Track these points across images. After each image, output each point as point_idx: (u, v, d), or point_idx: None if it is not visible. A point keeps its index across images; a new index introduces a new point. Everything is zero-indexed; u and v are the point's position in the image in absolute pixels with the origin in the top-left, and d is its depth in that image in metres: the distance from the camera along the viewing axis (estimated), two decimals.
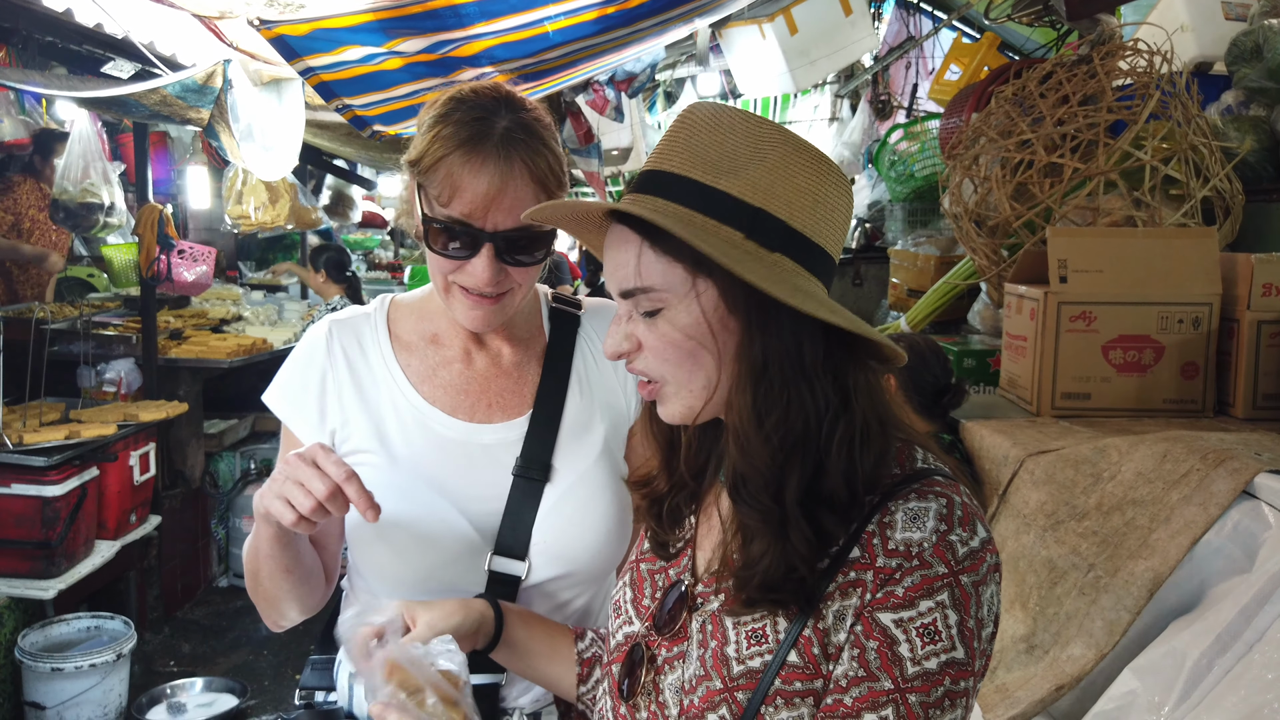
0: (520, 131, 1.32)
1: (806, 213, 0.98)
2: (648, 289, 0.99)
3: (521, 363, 1.51)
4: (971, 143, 3.36)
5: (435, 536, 1.40)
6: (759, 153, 0.97)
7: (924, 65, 7.84)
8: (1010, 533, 2.10)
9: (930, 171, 5.23)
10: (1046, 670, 1.81)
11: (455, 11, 2.80)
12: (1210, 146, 2.87)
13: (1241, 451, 1.77)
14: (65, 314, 4.83)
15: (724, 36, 6.48)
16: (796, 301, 0.92)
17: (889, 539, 0.95)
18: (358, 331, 1.50)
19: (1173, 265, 2.45)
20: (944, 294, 4.13)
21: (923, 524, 0.95)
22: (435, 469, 1.43)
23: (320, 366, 1.47)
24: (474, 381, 1.49)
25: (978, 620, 0.94)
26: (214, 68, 3.30)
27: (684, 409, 1.03)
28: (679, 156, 0.99)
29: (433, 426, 1.45)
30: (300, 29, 2.76)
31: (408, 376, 1.47)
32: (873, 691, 0.93)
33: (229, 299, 6.63)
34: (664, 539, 1.16)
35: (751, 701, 0.97)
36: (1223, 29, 3.59)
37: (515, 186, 1.30)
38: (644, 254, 0.98)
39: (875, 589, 0.94)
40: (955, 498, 0.97)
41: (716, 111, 1.00)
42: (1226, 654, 1.49)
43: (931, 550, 0.93)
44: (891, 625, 0.93)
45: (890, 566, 0.94)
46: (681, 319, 0.99)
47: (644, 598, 1.17)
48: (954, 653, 0.92)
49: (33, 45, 3.68)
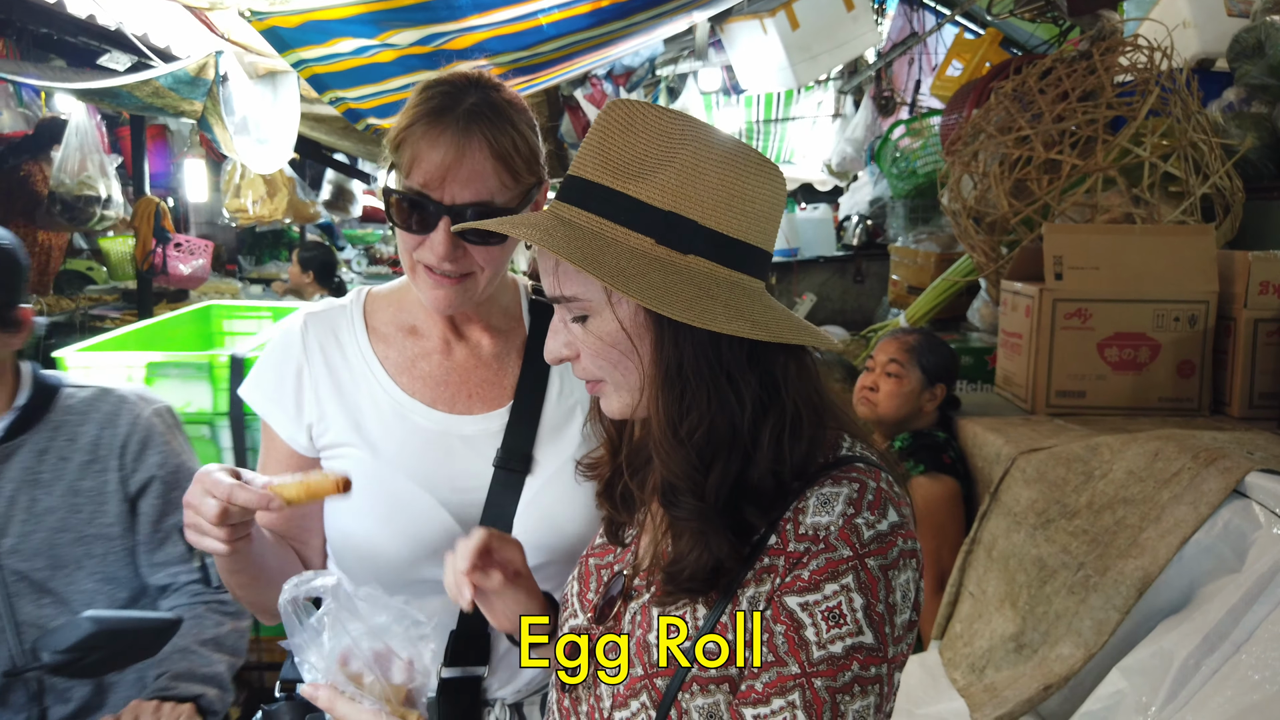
0: (486, 108, 1.31)
1: (722, 209, 0.96)
2: (571, 298, 1.01)
3: (501, 354, 1.50)
4: (971, 139, 3.33)
5: (416, 528, 1.39)
6: (669, 153, 0.96)
7: (927, 61, 7.82)
8: (1001, 531, 2.08)
9: (932, 168, 5.20)
10: (1035, 669, 1.79)
11: (448, 4, 2.79)
12: (1211, 143, 2.85)
13: (1234, 450, 1.75)
14: (63, 307, 4.82)
15: (725, 31, 6.46)
16: (690, 316, 0.92)
17: (800, 524, 0.95)
18: (334, 324, 1.48)
19: (1169, 263, 2.42)
20: (943, 291, 4.11)
21: (831, 508, 0.94)
22: (415, 461, 1.42)
23: (296, 360, 1.45)
24: (453, 373, 1.47)
25: (888, 605, 0.92)
26: (206, 59, 3.29)
27: (621, 406, 1.04)
28: (593, 161, 0.99)
29: (412, 418, 1.44)
30: (292, 20, 2.75)
31: (385, 368, 1.46)
32: (780, 676, 0.93)
33: (227, 293, 6.62)
34: (619, 523, 1.18)
35: (670, 688, 0.98)
36: (1225, 25, 3.55)
37: (473, 159, 1.28)
38: (560, 265, 1.00)
39: (784, 573, 0.95)
40: (869, 482, 0.97)
41: (630, 111, 0.98)
42: (1214, 654, 1.47)
43: (837, 533, 0.93)
44: (797, 609, 0.93)
45: (799, 550, 0.94)
46: (605, 326, 1.00)
47: (589, 591, 1.18)
48: (861, 637, 0.91)
49: (28, 37, 3.67)
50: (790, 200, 8.38)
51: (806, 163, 8.36)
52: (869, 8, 6.44)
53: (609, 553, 1.19)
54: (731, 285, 0.97)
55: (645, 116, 0.97)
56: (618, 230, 0.96)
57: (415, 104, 1.32)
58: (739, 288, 0.98)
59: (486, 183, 1.29)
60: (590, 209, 0.98)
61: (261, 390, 1.46)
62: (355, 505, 1.38)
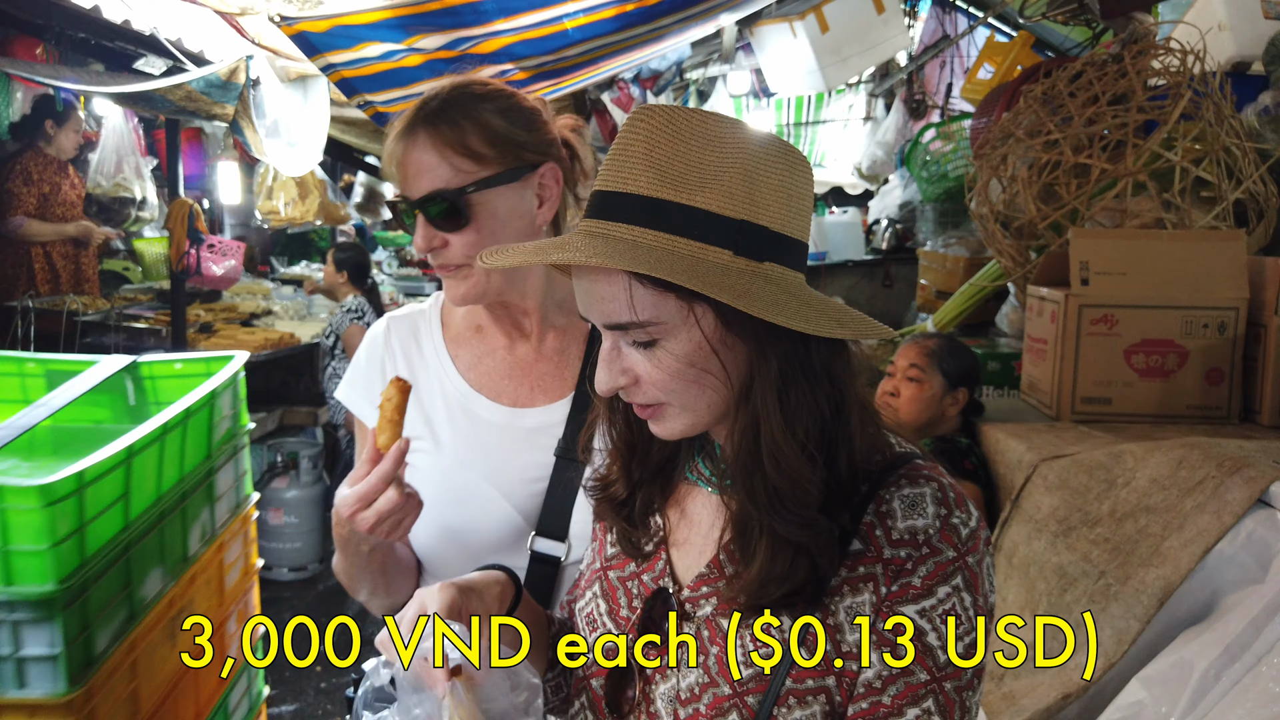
0: (438, 105, 1.38)
1: (784, 211, 0.94)
2: (644, 323, 0.94)
3: (563, 348, 1.55)
4: (999, 142, 3.30)
5: (479, 520, 1.44)
6: (725, 158, 0.92)
7: (959, 64, 7.74)
8: (1022, 538, 2.06)
9: (963, 172, 5.15)
10: (1054, 679, 1.77)
11: (474, 8, 2.81)
12: (1244, 148, 2.80)
13: (1259, 459, 1.72)
14: (98, 306, 4.90)
15: (755, 34, 6.45)
16: (810, 326, 0.90)
17: (891, 529, 0.96)
18: (414, 325, 1.58)
19: (1198, 268, 2.38)
20: (971, 296, 4.07)
21: (923, 510, 0.95)
22: (480, 454, 1.47)
23: (379, 359, 1.56)
24: (516, 367, 1.53)
25: (987, 596, 0.96)
26: (237, 64, 3.34)
27: (685, 427, 1.00)
28: (643, 174, 0.92)
29: (477, 411, 1.50)
30: (320, 25, 2.78)
31: (456, 366, 1.54)
32: (910, 686, 0.93)
33: (259, 293, 6.70)
34: (635, 538, 1.13)
35: (763, 704, 0.96)
36: (1261, 28, 3.49)
37: (418, 150, 1.36)
38: (634, 290, 0.93)
39: (889, 582, 0.95)
40: (943, 480, 0.98)
41: (673, 118, 0.93)
42: (1235, 665, 1.45)
43: (939, 536, 0.94)
44: (916, 617, 0.94)
45: (900, 557, 0.95)
46: (682, 347, 0.95)
47: (620, 608, 1.12)
48: (974, 633, 0.94)
49: (66, 42, 3.74)
50: (820, 203, 8.34)
51: (837, 166, 8.32)
52: (899, 10, 6.40)
53: (627, 563, 1.15)
54: (801, 286, 0.96)
55: (690, 122, 0.93)
56: (693, 245, 0.91)
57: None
58: (806, 289, 0.97)
59: (435, 171, 1.36)
60: (653, 226, 0.92)
61: (354, 388, 1.57)
62: (424, 496, 1.41)
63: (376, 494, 1.25)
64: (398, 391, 1.27)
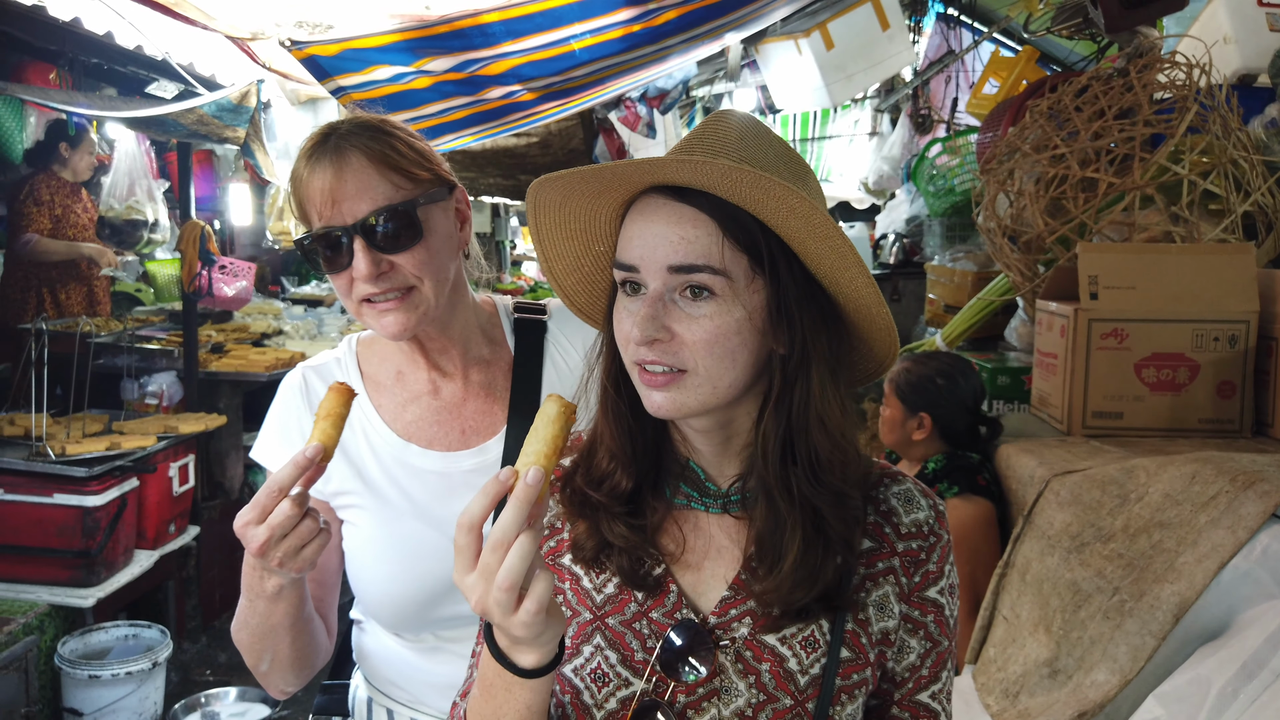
0: (357, 128, 1.34)
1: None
2: (719, 270, 0.96)
3: (489, 382, 1.50)
4: (1006, 157, 3.31)
5: (428, 567, 1.40)
6: (797, 165, 1.03)
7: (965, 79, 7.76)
8: (1035, 554, 2.05)
9: (969, 186, 5.16)
10: (1069, 696, 1.76)
11: (482, 31, 2.83)
12: (1251, 160, 2.80)
13: (1273, 473, 1.72)
14: (110, 328, 4.93)
15: (760, 52, 6.47)
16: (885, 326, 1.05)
17: (899, 524, 1.10)
18: (331, 376, 1.49)
19: (1208, 281, 2.38)
20: (979, 310, 4.07)
21: (916, 503, 1.12)
22: (419, 502, 1.44)
23: (298, 414, 1.48)
24: (444, 411, 1.48)
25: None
26: (248, 88, 3.37)
27: (699, 401, 0.99)
28: (733, 150, 0.98)
29: (410, 461, 1.45)
30: (330, 49, 2.81)
31: (381, 415, 1.48)
32: (939, 654, 1.11)
33: (270, 313, 6.73)
34: (640, 554, 1.08)
35: (820, 705, 1.02)
36: (1267, 40, 3.50)
37: (354, 171, 1.30)
38: (725, 240, 0.96)
39: (909, 571, 1.08)
40: (907, 474, 1.16)
41: (756, 123, 1.03)
42: (1253, 682, 1.44)
43: (936, 523, 1.11)
44: (938, 595, 1.10)
45: (913, 549, 1.09)
46: (730, 314, 0.97)
47: (635, 652, 1.06)
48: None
49: (79, 67, 3.79)
50: None
51: (844, 181, 8.34)
52: (904, 26, 6.42)
53: (626, 604, 1.08)
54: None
55: (768, 131, 1.04)
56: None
57: (297, 157, 1.36)
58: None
59: (378, 188, 1.30)
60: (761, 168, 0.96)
61: (270, 448, 1.48)
62: (369, 552, 1.39)
63: (272, 504, 1.09)
64: (335, 394, 1.16)
